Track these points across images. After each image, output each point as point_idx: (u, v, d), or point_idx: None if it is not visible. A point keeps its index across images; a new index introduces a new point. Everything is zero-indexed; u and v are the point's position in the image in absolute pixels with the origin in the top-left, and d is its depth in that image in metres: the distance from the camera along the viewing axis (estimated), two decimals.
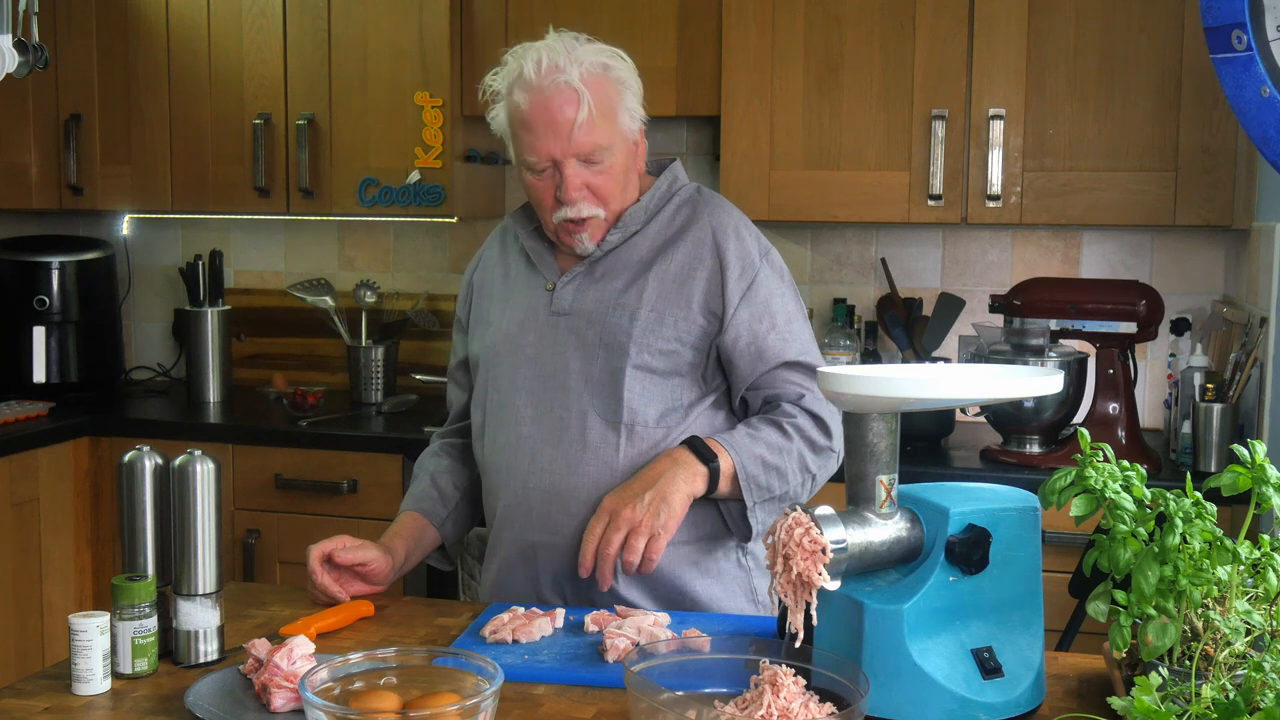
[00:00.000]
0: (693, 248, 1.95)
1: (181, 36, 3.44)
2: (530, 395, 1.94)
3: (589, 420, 1.90)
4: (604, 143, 1.89)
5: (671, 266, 1.94)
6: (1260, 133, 2.06)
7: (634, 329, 1.90)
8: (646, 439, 1.91)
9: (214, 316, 3.58)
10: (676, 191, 2.02)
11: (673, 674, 1.43)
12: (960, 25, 2.96)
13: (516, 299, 2.01)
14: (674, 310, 1.92)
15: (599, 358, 1.91)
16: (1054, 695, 1.51)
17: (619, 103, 1.91)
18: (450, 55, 3.25)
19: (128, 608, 1.55)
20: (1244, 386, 2.74)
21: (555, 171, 1.89)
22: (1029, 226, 3.24)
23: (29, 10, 1.99)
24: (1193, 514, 1.34)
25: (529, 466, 1.92)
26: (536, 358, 1.95)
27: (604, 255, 1.96)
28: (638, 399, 1.90)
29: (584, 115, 1.85)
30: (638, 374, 1.90)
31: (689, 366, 1.93)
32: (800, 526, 1.39)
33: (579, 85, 1.86)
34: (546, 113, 1.86)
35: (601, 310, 1.93)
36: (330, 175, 3.36)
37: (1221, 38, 2.06)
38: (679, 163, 2.06)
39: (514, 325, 1.98)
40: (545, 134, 1.87)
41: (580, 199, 1.90)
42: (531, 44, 1.91)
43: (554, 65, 1.86)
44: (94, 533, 3.32)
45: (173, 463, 1.61)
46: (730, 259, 1.93)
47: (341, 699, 1.32)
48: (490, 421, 1.99)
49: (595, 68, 1.89)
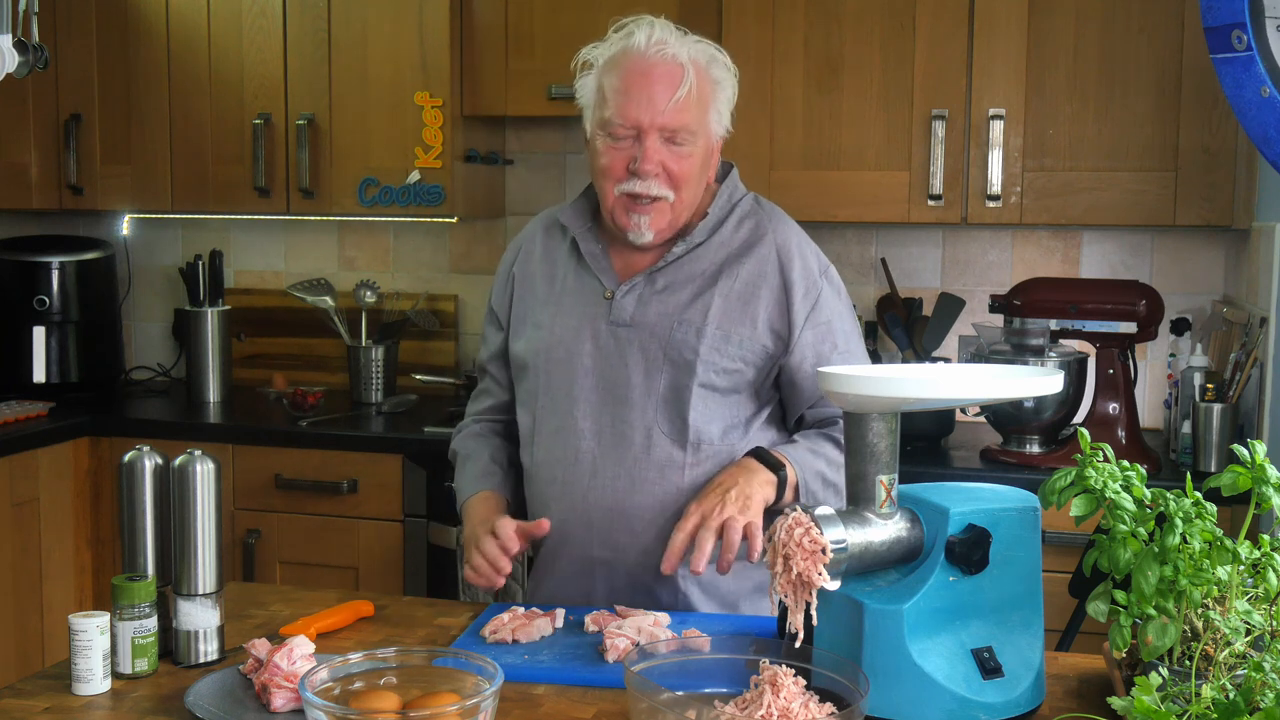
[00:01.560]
0: (757, 264, 1.92)
1: (181, 36, 3.44)
2: (589, 407, 1.91)
3: (654, 437, 1.88)
4: (693, 126, 1.86)
5: (736, 284, 1.91)
6: (1260, 133, 2.05)
7: (700, 346, 1.87)
8: (711, 457, 1.89)
9: (214, 316, 3.58)
10: (737, 203, 1.98)
11: (673, 674, 1.43)
12: (960, 25, 2.96)
13: (569, 303, 1.96)
14: (740, 329, 1.89)
15: (664, 373, 1.88)
16: (1054, 695, 1.51)
17: (713, 98, 1.90)
18: (450, 55, 3.25)
19: (128, 608, 1.55)
20: (1244, 386, 2.74)
21: (636, 142, 1.85)
22: (1029, 226, 3.24)
23: (29, 10, 1.99)
24: (1193, 514, 1.34)
25: (589, 481, 1.89)
26: (595, 369, 1.91)
27: (666, 266, 1.92)
28: (702, 417, 1.88)
29: (683, 91, 1.84)
30: (703, 391, 1.88)
31: (749, 384, 1.91)
32: (800, 526, 1.39)
33: (686, 62, 1.86)
34: (646, 79, 1.84)
35: (666, 324, 1.89)
36: (330, 175, 3.36)
37: (1221, 38, 2.06)
38: (736, 169, 2.03)
39: (568, 332, 1.94)
40: (639, 99, 1.83)
41: (653, 174, 1.86)
42: (641, 17, 1.90)
43: (664, 40, 1.86)
44: (94, 533, 3.32)
45: (173, 463, 1.61)
46: (795, 279, 1.91)
47: (341, 699, 1.32)
48: (543, 429, 1.95)
49: (703, 55, 1.89)
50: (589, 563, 1.91)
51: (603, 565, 1.90)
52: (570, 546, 1.92)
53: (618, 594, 1.90)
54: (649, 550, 1.87)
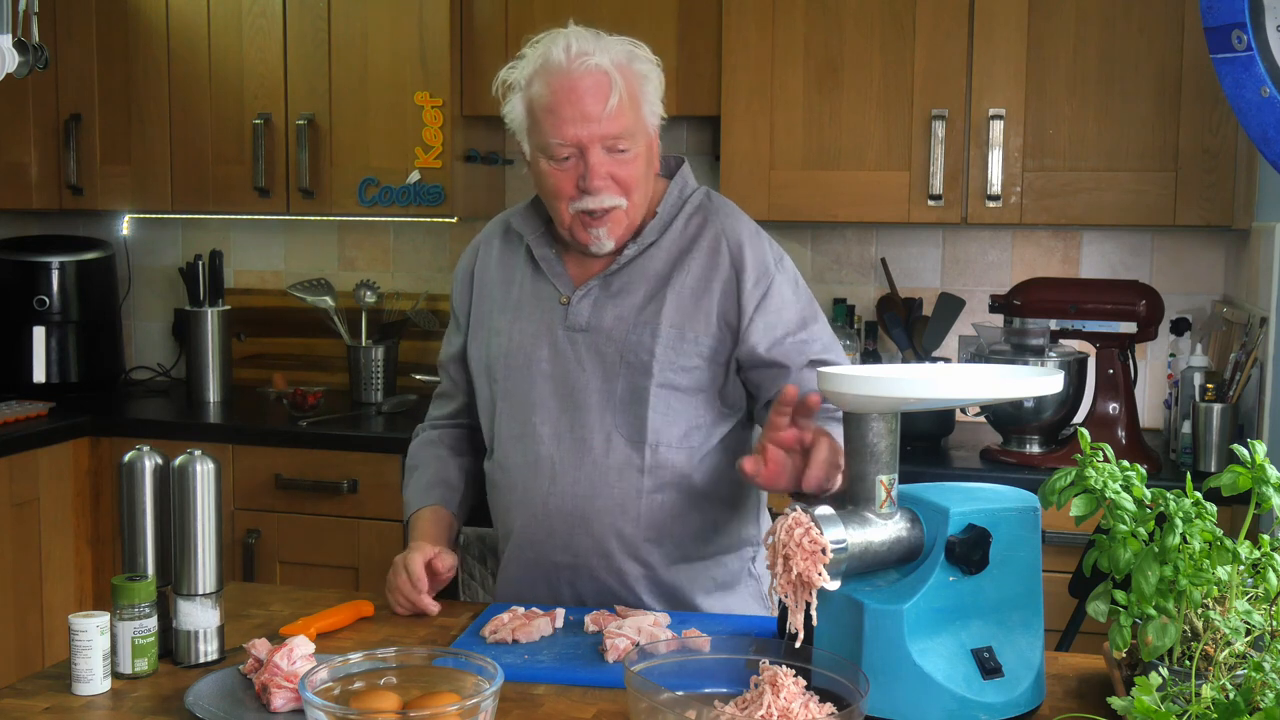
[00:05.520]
0: (709, 258, 1.91)
1: (181, 36, 3.44)
2: (548, 413, 1.90)
3: (613, 440, 1.87)
4: (631, 129, 1.84)
5: (689, 279, 1.90)
6: (1260, 133, 2.05)
7: (656, 347, 1.86)
8: (669, 460, 1.88)
9: (214, 316, 3.57)
10: (688, 198, 1.97)
11: (673, 674, 1.43)
12: (960, 25, 2.96)
13: (526, 309, 1.95)
14: (694, 325, 1.88)
15: (621, 376, 1.87)
16: (1054, 695, 1.51)
17: (643, 94, 1.88)
18: (450, 55, 3.25)
19: (128, 608, 1.55)
20: (1244, 386, 2.74)
21: (579, 159, 1.84)
22: (1029, 226, 3.24)
23: (29, 10, 1.99)
24: (1193, 514, 1.34)
25: (549, 487, 1.89)
26: (553, 374, 1.91)
27: (620, 269, 1.91)
28: (663, 419, 1.87)
29: (615, 99, 1.81)
30: (662, 392, 1.87)
31: (710, 382, 1.90)
32: (800, 526, 1.38)
33: (610, 69, 1.82)
34: (575, 95, 1.81)
35: (622, 327, 1.89)
36: (330, 175, 3.36)
37: (1221, 38, 2.06)
38: (687, 164, 2.02)
39: (526, 338, 1.93)
40: (573, 118, 1.81)
41: (604, 188, 1.84)
42: (553, 32, 1.87)
43: (583, 51, 1.82)
44: (94, 533, 3.32)
45: (173, 463, 1.61)
46: (746, 269, 1.89)
47: (341, 699, 1.32)
48: (502, 436, 1.95)
49: (623, 55, 1.86)
50: (552, 568, 1.91)
51: (566, 570, 1.90)
52: (532, 552, 1.92)
53: (582, 599, 1.91)
54: (609, 554, 1.88)
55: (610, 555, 1.88)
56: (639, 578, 1.89)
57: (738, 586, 1.97)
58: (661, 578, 1.90)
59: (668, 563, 1.90)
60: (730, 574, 1.97)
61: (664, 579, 1.90)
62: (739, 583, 1.98)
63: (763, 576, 2.01)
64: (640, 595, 1.90)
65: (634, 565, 1.89)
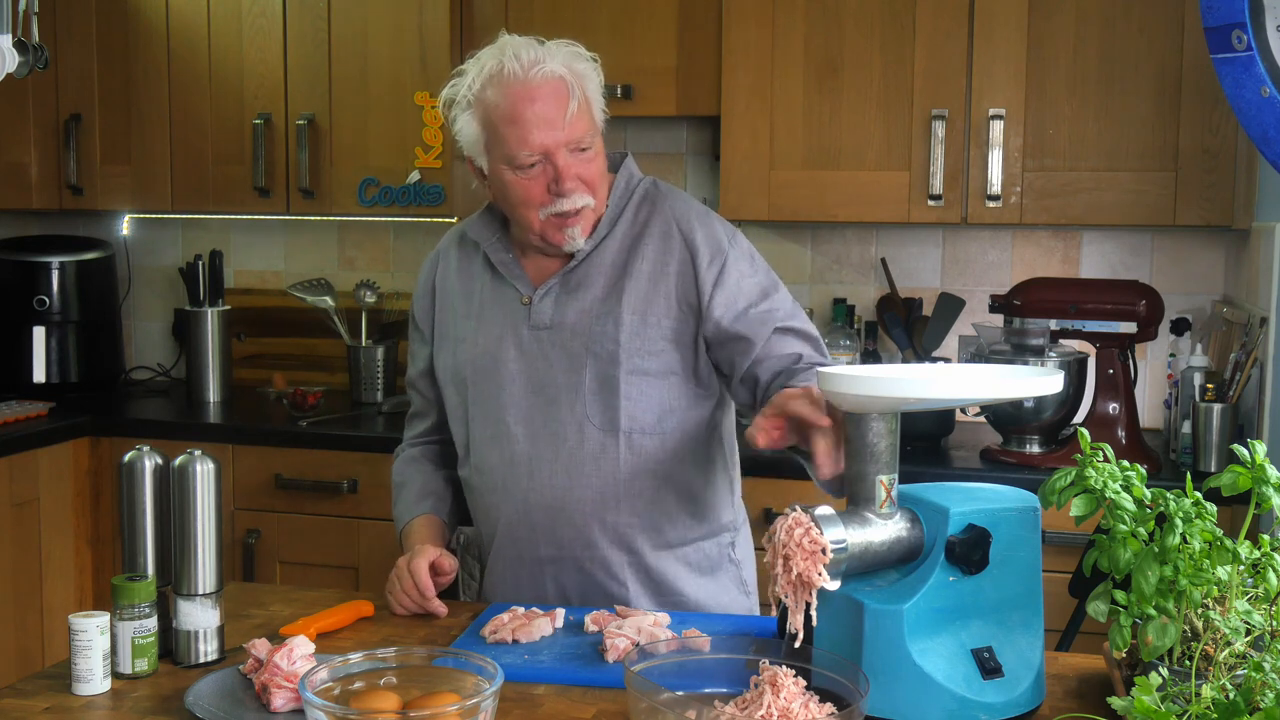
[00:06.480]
0: (661, 243, 1.93)
1: (181, 36, 3.44)
2: (520, 411, 1.92)
3: (586, 430, 1.89)
4: (590, 129, 1.87)
5: (644, 266, 1.92)
6: (1260, 133, 2.05)
7: (621, 335, 1.89)
8: (645, 444, 1.90)
9: (214, 316, 3.57)
10: (635, 189, 1.99)
11: (673, 674, 1.43)
12: (960, 25, 2.96)
13: (489, 314, 1.97)
14: (655, 309, 1.90)
15: (588, 367, 1.89)
16: (1054, 695, 1.51)
17: (591, 94, 1.90)
18: (450, 55, 3.25)
19: (128, 608, 1.55)
20: (1244, 386, 2.74)
21: (545, 165, 1.85)
22: (1029, 226, 3.24)
23: (29, 10, 1.99)
24: (1193, 514, 1.34)
25: (528, 483, 1.91)
26: (522, 372, 1.92)
27: (577, 265, 1.93)
28: (635, 405, 1.89)
29: (574, 103, 1.83)
30: (633, 379, 1.89)
31: (680, 364, 1.92)
32: (800, 527, 1.39)
33: (565, 73, 1.84)
34: (536, 103, 1.82)
35: (585, 320, 1.91)
36: (330, 175, 3.36)
37: (1221, 38, 2.05)
38: (631, 157, 2.03)
39: (491, 341, 1.95)
40: (537, 125, 1.83)
41: (574, 189, 1.86)
42: (492, 46, 1.89)
43: (535, 59, 1.84)
44: (94, 533, 3.32)
45: (173, 463, 1.61)
46: (699, 248, 1.91)
47: (341, 699, 1.32)
48: (476, 439, 1.97)
49: (569, 57, 1.87)
50: (537, 563, 1.93)
51: (551, 564, 1.93)
52: (515, 549, 1.94)
53: (568, 592, 1.93)
54: (592, 543, 1.90)
55: (593, 544, 1.90)
56: (622, 565, 1.91)
57: (718, 572, 2.00)
58: (644, 564, 1.92)
59: (649, 548, 1.92)
60: (710, 560, 1.99)
61: (647, 565, 1.92)
62: (719, 568, 2.00)
63: (742, 561, 2.04)
64: (625, 582, 1.91)
65: (617, 553, 1.91)
